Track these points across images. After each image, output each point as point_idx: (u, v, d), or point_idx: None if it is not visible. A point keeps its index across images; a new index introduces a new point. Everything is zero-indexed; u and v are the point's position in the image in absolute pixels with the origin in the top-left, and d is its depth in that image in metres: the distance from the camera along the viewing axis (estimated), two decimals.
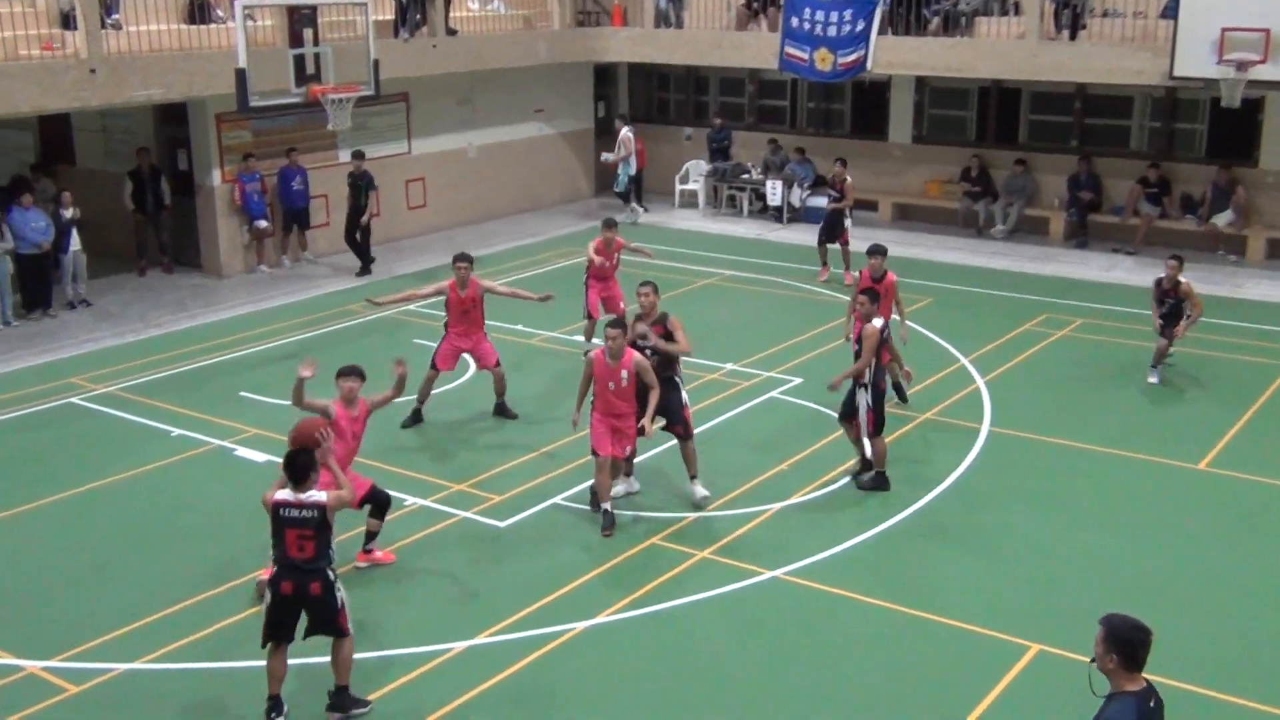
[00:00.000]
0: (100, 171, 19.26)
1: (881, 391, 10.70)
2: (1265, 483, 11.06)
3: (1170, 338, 13.39)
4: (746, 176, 22.98)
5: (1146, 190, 19.59)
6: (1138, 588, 9.19)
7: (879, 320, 10.63)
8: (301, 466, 7.37)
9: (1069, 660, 7.96)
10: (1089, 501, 10.73)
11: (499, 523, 10.31)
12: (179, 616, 8.86)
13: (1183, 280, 13.32)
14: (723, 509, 10.52)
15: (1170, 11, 17.83)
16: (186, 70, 16.40)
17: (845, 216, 17.78)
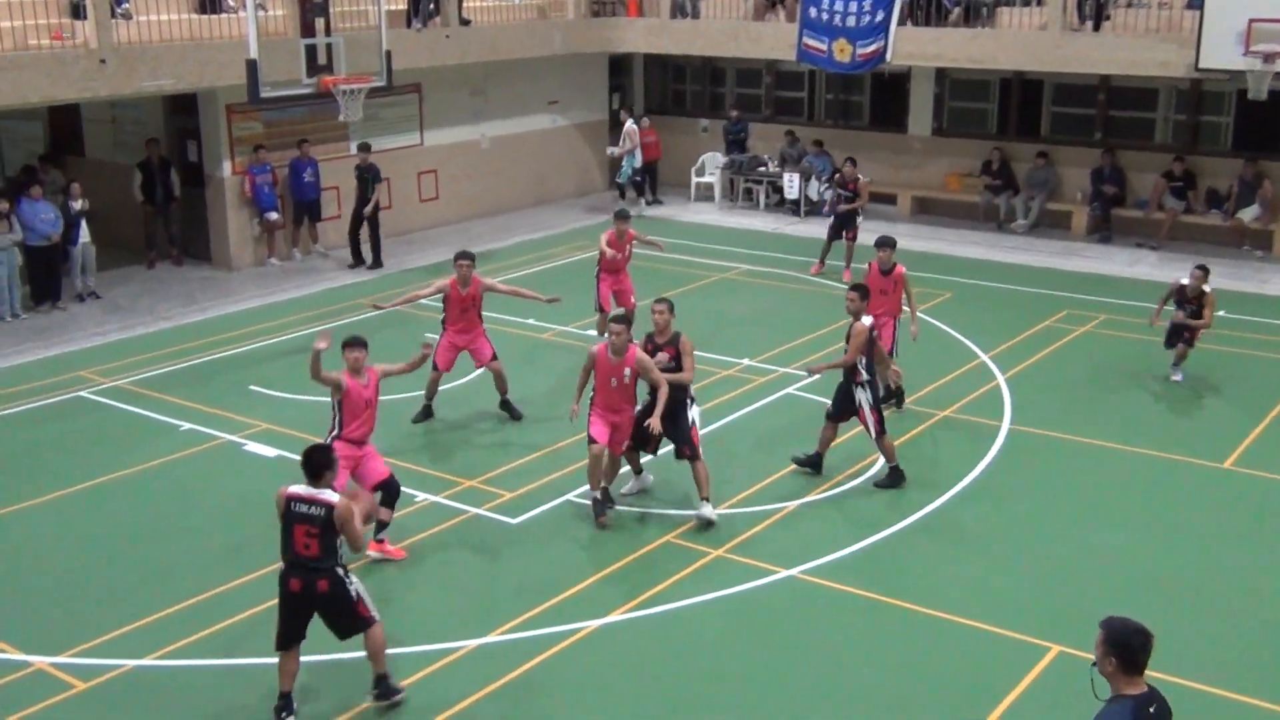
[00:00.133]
0: (109, 163, 19.16)
1: (879, 391, 10.67)
2: None
3: (1190, 343, 13.10)
4: (763, 169, 22.77)
5: (1171, 184, 19.32)
6: (1162, 588, 9.02)
7: (868, 319, 10.66)
8: (318, 463, 7.32)
9: (1090, 662, 7.76)
10: (1111, 500, 10.54)
11: (511, 519, 10.17)
12: (188, 612, 8.74)
13: (1207, 289, 13.01)
14: (737, 506, 10.35)
15: (1196, 2, 17.62)
16: (197, 60, 16.30)
17: (858, 215, 17.70)
